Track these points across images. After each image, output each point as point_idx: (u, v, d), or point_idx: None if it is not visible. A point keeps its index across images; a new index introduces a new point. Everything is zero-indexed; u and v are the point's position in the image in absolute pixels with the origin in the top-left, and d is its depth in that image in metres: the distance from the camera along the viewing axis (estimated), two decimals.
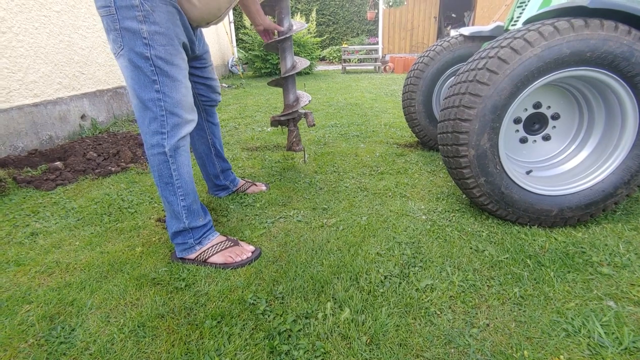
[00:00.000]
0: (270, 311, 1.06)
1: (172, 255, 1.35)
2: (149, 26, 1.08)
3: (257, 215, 1.67)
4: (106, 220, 1.66)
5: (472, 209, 1.64)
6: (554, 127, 1.56)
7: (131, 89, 1.14)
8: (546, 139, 1.57)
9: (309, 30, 8.88)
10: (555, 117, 1.53)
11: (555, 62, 1.24)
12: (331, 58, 12.55)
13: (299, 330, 0.98)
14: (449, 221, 1.55)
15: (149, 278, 1.22)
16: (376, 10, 11.60)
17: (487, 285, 1.14)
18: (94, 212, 1.74)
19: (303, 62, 1.86)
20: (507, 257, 1.27)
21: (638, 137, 1.35)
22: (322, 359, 0.90)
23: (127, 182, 2.13)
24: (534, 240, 1.37)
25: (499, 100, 1.28)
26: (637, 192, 1.73)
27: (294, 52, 1.85)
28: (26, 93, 2.67)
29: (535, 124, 1.56)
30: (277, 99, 5.07)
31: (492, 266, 1.23)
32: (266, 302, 1.09)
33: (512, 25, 1.92)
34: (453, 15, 12.63)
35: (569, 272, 1.19)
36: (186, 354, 0.92)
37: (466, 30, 2.20)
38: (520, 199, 1.41)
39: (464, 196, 1.79)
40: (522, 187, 1.41)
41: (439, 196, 1.80)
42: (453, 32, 9.88)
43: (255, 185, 1.97)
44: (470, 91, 1.31)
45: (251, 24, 1.65)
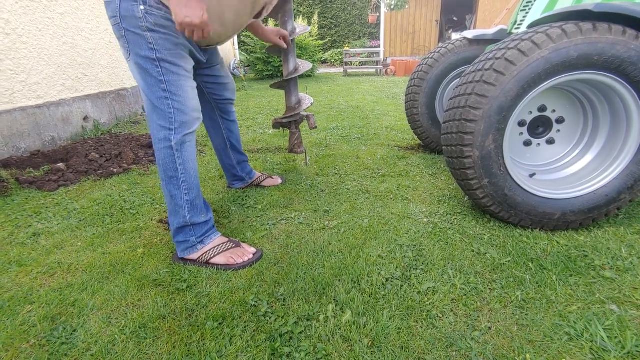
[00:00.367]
0: (272, 313, 1.05)
1: (173, 257, 1.35)
2: (153, 33, 1.14)
3: (258, 217, 1.68)
4: (108, 221, 1.67)
5: (474, 212, 1.64)
6: (559, 130, 1.55)
7: (141, 89, 1.21)
8: (550, 142, 1.56)
9: (311, 33, 8.92)
10: (560, 120, 1.53)
11: (563, 64, 1.23)
12: (333, 61, 12.58)
13: (300, 333, 0.98)
14: (451, 224, 1.55)
15: (151, 279, 1.22)
16: (378, 14, 11.65)
17: (489, 289, 1.14)
18: (96, 213, 1.74)
19: (305, 65, 1.86)
20: (509, 261, 1.27)
21: None
22: None
23: (129, 183, 2.14)
24: (536, 243, 1.37)
25: (505, 101, 1.28)
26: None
27: (296, 55, 1.85)
28: (29, 94, 2.69)
29: (540, 127, 1.55)
30: (279, 101, 5.08)
31: (494, 269, 1.23)
32: (268, 304, 1.09)
33: (516, 29, 1.92)
34: (455, 19, 12.67)
35: (571, 275, 1.18)
36: (187, 356, 0.92)
37: (470, 34, 2.20)
38: (523, 201, 1.41)
39: (465, 199, 1.78)
40: (525, 190, 1.40)
41: (440, 199, 1.80)
42: (454, 36, 9.89)
43: (272, 178, 2.06)
44: (477, 92, 1.30)
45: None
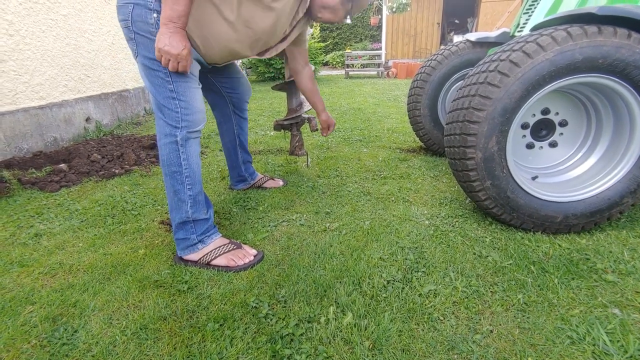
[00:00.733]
0: (273, 315, 1.05)
1: (174, 258, 1.35)
2: None
3: (259, 218, 1.67)
4: (109, 222, 1.67)
5: (476, 215, 1.63)
6: (561, 133, 1.55)
7: (149, 89, 1.24)
8: (553, 145, 1.56)
9: (312, 35, 8.94)
10: (563, 123, 1.53)
11: (567, 67, 1.23)
12: (334, 63, 12.60)
13: (301, 335, 0.98)
14: (452, 226, 1.54)
15: (152, 280, 1.22)
16: (380, 16, 11.67)
17: (491, 291, 1.13)
18: (97, 214, 1.74)
19: None
20: (510, 263, 1.26)
21: None
22: None
23: (130, 184, 2.14)
24: (537, 246, 1.37)
25: (509, 103, 1.28)
26: None
27: None
28: (32, 95, 2.70)
29: (543, 130, 1.55)
30: (280, 103, 5.09)
31: (495, 272, 1.23)
32: (268, 305, 1.09)
33: (519, 32, 1.92)
34: (456, 22, 12.68)
35: (573, 278, 1.18)
36: (188, 357, 0.91)
37: (472, 36, 2.20)
38: (525, 204, 1.40)
39: (467, 201, 1.78)
40: (527, 192, 1.40)
41: (442, 201, 1.80)
42: (456, 38, 9.91)
43: (273, 179, 2.07)
44: (481, 93, 1.30)
45: None
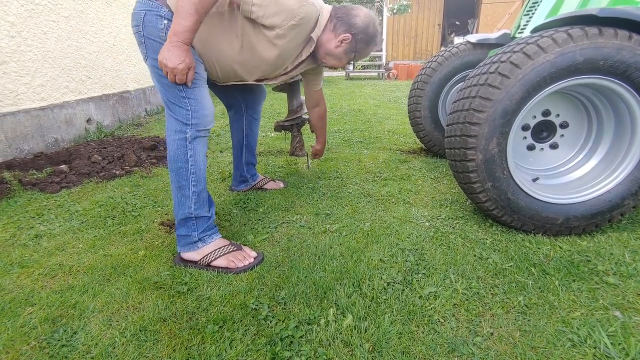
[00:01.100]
0: (273, 317, 1.05)
1: (174, 259, 1.35)
2: None
3: (260, 220, 1.67)
4: (110, 223, 1.67)
5: (476, 217, 1.63)
6: (562, 135, 1.55)
7: (159, 90, 1.26)
8: (554, 147, 1.56)
9: None
10: (564, 125, 1.52)
11: (568, 69, 1.23)
12: None
13: (301, 337, 0.98)
14: (453, 228, 1.54)
15: (152, 282, 1.22)
16: (381, 18, 11.68)
17: (492, 294, 1.13)
18: (98, 216, 1.75)
19: None
20: (511, 266, 1.26)
21: None
22: None
23: (131, 185, 2.14)
24: (538, 248, 1.36)
25: (509, 104, 1.27)
26: None
27: None
28: (34, 97, 2.70)
29: (544, 131, 1.55)
30: (281, 104, 5.09)
31: (496, 274, 1.22)
32: (269, 307, 1.09)
33: (520, 34, 1.92)
34: (457, 23, 12.70)
35: (574, 281, 1.17)
36: (188, 359, 0.91)
37: (473, 38, 2.20)
38: (526, 206, 1.40)
39: (467, 203, 1.78)
40: (529, 194, 1.40)
41: (442, 203, 1.79)
42: (457, 40, 9.92)
43: (274, 181, 2.08)
44: (481, 95, 1.30)
45: None
